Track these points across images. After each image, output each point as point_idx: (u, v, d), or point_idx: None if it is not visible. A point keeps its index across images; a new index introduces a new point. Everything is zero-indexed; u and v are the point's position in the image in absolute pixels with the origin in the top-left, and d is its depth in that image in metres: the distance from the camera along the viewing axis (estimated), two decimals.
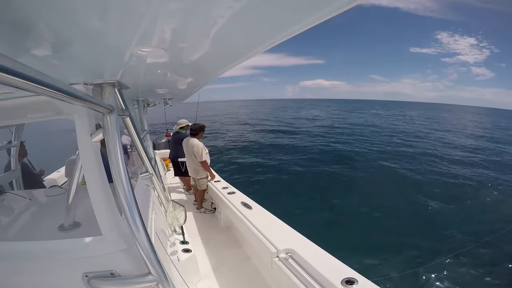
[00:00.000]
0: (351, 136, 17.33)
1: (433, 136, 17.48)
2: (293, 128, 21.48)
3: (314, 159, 11.21)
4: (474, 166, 10.64)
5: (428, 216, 6.01)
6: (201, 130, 4.05)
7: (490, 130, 24.22)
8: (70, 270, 1.02)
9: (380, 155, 11.80)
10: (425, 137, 16.50)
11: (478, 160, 11.73)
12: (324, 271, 1.70)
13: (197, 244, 3.05)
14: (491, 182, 8.62)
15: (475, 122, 34.94)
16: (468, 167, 10.36)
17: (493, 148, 14.49)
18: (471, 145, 15.25)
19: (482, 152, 13.38)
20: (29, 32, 0.55)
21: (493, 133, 21.69)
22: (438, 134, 19.52)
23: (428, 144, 14.80)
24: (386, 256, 4.37)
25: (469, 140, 16.87)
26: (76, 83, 1.04)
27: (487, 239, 4.70)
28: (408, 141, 15.69)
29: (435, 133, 19.77)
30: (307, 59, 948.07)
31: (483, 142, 16.84)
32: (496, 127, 26.30)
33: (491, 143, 16.27)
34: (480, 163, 11.20)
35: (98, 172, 1.07)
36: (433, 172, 9.53)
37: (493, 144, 15.81)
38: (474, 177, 9.14)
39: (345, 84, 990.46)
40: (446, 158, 11.62)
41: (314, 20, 0.56)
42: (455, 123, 29.48)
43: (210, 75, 1.46)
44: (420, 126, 22.55)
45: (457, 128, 24.22)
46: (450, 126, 25.11)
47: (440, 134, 19.64)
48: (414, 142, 15.32)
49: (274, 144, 14.91)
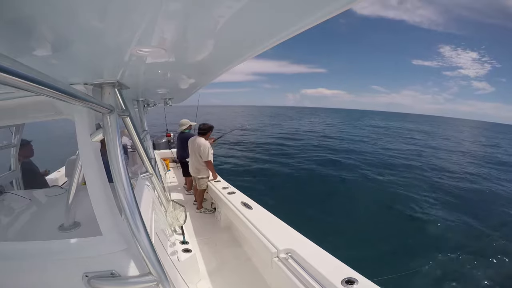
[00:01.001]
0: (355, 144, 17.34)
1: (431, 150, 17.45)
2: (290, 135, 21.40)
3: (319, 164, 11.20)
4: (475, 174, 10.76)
5: (429, 216, 6.02)
6: (209, 130, 4.04)
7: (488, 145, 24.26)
8: (70, 270, 1.02)
9: (379, 166, 11.74)
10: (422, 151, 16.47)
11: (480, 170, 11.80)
12: (324, 271, 1.70)
13: (197, 244, 3.05)
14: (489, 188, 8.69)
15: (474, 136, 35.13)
16: (467, 177, 10.46)
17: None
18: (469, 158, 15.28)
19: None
20: (29, 32, 0.54)
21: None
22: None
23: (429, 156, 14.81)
24: (387, 256, 4.37)
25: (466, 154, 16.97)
26: (76, 83, 1.04)
27: (487, 239, 4.72)
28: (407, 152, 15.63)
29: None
30: (310, 67, 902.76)
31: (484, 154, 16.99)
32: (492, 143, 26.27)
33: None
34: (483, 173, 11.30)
35: (98, 172, 1.07)
36: (435, 179, 9.56)
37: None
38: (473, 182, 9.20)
39: (346, 93, 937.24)
40: (446, 169, 11.66)
41: (314, 20, 0.56)
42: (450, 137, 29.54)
43: (210, 75, 1.46)
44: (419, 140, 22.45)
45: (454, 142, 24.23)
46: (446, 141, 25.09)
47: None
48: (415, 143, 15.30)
49: (273, 147, 14.95)
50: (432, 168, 11.24)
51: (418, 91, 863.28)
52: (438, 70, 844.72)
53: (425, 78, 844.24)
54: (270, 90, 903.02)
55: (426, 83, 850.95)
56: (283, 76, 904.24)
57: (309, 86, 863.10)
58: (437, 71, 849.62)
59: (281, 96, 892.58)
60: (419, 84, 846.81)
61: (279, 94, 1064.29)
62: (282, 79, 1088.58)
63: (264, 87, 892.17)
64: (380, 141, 19.78)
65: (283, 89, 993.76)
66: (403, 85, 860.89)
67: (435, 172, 10.53)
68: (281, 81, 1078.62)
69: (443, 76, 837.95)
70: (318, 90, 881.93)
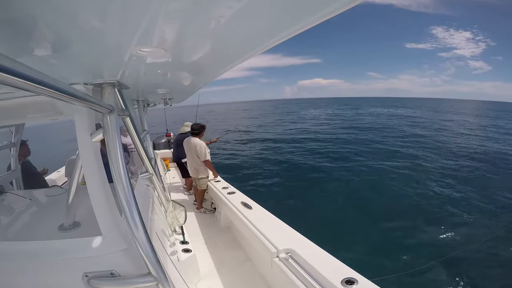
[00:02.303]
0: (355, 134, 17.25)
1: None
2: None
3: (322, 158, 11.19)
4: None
5: (430, 217, 6.01)
6: (202, 130, 4.07)
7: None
8: (70, 270, 1.02)
9: (378, 155, 11.78)
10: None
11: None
12: (324, 271, 1.70)
13: (197, 244, 3.05)
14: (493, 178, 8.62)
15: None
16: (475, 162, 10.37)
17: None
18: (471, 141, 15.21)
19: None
20: (29, 32, 0.55)
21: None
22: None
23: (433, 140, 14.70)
24: (387, 256, 4.37)
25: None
26: (76, 83, 1.04)
27: (487, 239, 4.71)
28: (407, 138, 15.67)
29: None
30: (304, 58, 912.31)
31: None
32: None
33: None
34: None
35: (98, 172, 1.07)
36: (437, 169, 9.52)
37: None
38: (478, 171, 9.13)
39: (343, 82, 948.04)
40: (451, 154, 11.63)
41: (314, 20, 0.56)
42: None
43: (210, 75, 1.46)
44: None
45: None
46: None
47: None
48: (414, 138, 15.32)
49: (273, 145, 14.92)
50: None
51: (415, 75, 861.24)
52: (433, 52, 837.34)
53: (421, 61, 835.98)
54: (267, 84, 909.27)
55: (422, 66, 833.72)
56: (278, 69, 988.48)
57: (305, 77, 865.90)
58: (432, 53, 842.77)
59: (279, 89, 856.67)
60: (415, 67, 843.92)
61: (276, 88, 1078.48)
62: (278, 72, 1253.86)
63: (260, 81, 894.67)
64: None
65: (280, 82, 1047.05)
66: (400, 70, 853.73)
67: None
68: (277, 74, 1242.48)
69: (439, 57, 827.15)
70: (315, 80, 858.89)
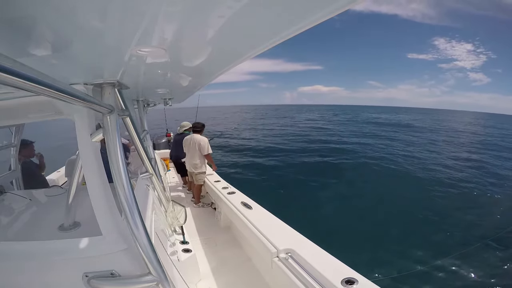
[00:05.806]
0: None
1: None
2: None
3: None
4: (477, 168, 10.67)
5: (430, 217, 6.00)
6: (203, 128, 4.41)
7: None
8: (70, 270, 1.02)
9: (378, 156, 11.80)
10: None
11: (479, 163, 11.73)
12: (324, 271, 1.70)
13: (197, 244, 3.05)
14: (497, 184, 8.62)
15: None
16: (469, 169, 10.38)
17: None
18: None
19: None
20: (29, 32, 0.55)
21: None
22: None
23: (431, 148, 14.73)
24: (387, 255, 4.37)
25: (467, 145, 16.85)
26: (76, 83, 1.04)
27: (488, 239, 4.70)
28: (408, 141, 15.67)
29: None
30: (305, 65, 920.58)
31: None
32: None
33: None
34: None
35: (98, 172, 1.07)
36: (435, 174, 9.54)
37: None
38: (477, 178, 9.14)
39: (342, 90, 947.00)
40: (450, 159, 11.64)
41: (314, 20, 0.56)
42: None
43: (210, 75, 1.46)
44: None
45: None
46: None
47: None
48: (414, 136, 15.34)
49: (272, 146, 14.98)
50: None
51: (415, 85, 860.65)
52: (433, 63, 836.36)
53: (421, 71, 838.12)
54: (267, 89, 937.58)
55: (422, 76, 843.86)
56: (279, 74, 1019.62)
57: (306, 84, 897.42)
58: (433, 64, 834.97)
59: (279, 95, 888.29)
60: (415, 77, 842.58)
61: (276, 93, 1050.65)
62: (278, 78, 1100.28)
63: (260, 86, 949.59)
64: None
65: (280, 87, 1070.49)
66: (400, 79, 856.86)
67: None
68: (278, 79, 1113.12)
69: (439, 68, 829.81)
70: (315, 87, 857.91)
